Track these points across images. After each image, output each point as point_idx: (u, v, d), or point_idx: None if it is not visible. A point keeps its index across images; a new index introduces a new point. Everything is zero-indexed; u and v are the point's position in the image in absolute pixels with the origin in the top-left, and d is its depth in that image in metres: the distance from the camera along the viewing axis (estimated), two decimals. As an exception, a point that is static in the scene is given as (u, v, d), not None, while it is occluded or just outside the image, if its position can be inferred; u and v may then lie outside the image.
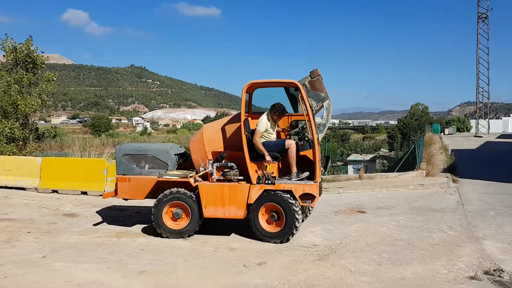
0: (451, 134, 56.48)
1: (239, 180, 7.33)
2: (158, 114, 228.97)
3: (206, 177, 7.59)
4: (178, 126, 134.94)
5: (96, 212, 9.93)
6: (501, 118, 78.66)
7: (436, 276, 5.59)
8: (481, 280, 5.48)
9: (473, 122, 61.69)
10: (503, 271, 5.75)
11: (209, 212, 7.39)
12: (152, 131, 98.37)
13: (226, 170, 7.41)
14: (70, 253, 6.65)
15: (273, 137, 7.61)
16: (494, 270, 5.81)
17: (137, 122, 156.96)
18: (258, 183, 7.17)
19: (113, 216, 9.49)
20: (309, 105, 7.20)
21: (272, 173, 7.19)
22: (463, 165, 19.45)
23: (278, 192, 7.11)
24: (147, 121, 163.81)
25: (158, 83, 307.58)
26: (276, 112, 7.44)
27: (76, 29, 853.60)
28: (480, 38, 53.33)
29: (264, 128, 7.36)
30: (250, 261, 6.17)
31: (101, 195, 11.85)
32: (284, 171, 7.53)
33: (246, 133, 7.17)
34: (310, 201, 7.11)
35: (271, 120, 7.50)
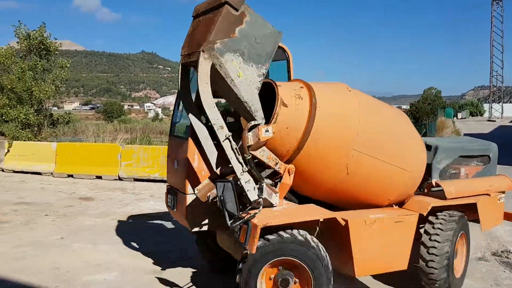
0: (464, 118, 56.03)
1: None
2: (169, 100, 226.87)
3: None
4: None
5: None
6: (515, 102, 77.63)
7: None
8: (489, 261, 5.58)
9: (486, 106, 61.01)
10: (511, 252, 5.84)
11: None
12: (164, 117, 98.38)
13: None
14: (86, 235, 6.86)
15: None
16: (502, 252, 5.91)
17: (149, 108, 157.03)
18: None
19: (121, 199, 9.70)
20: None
21: None
22: (475, 150, 19.31)
23: None
24: (158, 107, 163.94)
25: (169, 68, 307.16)
26: None
27: (87, 15, 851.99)
28: (494, 21, 52.52)
29: None
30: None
31: (115, 179, 12.11)
32: None
33: None
34: None
35: None
